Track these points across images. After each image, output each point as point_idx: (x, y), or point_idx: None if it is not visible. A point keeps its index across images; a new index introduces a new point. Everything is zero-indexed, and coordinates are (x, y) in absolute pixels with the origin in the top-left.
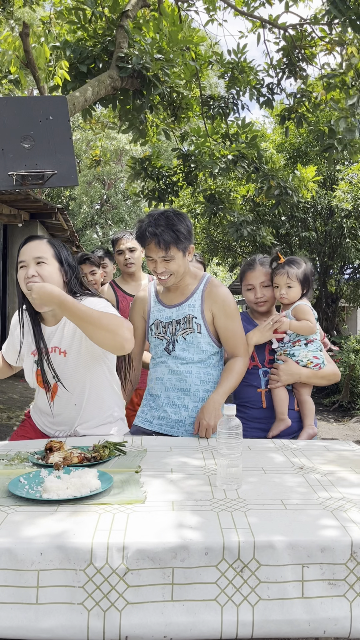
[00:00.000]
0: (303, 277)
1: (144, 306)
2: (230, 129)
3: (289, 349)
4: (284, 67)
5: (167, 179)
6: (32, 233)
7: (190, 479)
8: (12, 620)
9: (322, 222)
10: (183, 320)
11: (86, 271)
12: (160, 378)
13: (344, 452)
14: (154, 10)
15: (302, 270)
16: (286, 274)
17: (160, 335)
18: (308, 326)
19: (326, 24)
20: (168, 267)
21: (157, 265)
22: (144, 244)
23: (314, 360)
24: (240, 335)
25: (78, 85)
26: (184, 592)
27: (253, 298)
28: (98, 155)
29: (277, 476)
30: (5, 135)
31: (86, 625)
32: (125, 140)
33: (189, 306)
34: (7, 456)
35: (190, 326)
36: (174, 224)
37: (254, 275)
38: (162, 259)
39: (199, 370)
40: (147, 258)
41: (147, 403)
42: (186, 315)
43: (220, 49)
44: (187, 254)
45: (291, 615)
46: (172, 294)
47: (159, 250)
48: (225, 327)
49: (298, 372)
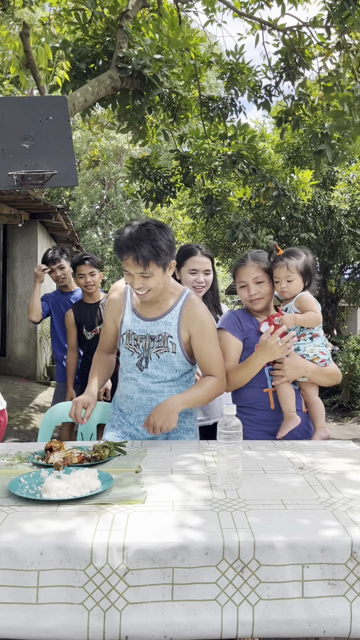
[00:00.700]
0: (304, 269)
1: (118, 311)
2: (228, 131)
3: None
4: (281, 70)
5: (165, 180)
6: (32, 233)
7: (190, 479)
8: (13, 620)
9: (321, 223)
10: (158, 338)
11: (85, 272)
12: (129, 396)
13: (344, 452)
14: (154, 11)
15: (302, 261)
16: (285, 266)
17: (131, 348)
18: (314, 317)
19: (324, 27)
20: (146, 283)
21: (135, 281)
22: (122, 257)
23: (320, 356)
24: (217, 358)
25: (78, 85)
26: (184, 592)
27: (247, 296)
28: (96, 155)
29: (277, 476)
30: (5, 135)
31: (86, 625)
32: (125, 140)
33: (165, 323)
34: (7, 456)
35: (165, 345)
36: (154, 238)
37: (246, 271)
38: (139, 275)
39: (171, 388)
40: (125, 272)
41: (118, 418)
42: (162, 332)
43: (219, 50)
44: (168, 269)
45: (291, 615)
46: (149, 307)
47: (137, 266)
48: (201, 349)
49: (304, 365)
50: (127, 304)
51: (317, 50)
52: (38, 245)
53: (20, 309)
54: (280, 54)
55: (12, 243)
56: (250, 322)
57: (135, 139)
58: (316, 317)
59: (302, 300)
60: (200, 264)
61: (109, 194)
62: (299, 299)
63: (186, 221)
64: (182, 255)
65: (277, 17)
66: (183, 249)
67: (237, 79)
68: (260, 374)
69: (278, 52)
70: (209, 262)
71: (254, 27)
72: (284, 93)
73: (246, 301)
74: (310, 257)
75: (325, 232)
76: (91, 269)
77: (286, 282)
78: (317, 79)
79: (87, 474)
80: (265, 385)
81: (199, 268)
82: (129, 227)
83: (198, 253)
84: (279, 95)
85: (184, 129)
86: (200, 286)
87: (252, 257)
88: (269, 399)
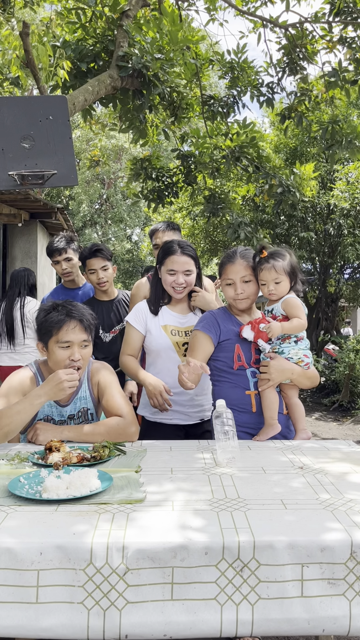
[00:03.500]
0: (290, 269)
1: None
2: (230, 129)
3: (277, 346)
4: (284, 65)
5: (167, 180)
6: (32, 233)
7: (190, 479)
8: (13, 619)
9: (321, 222)
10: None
11: (97, 267)
12: None
13: (344, 452)
14: (154, 10)
15: (288, 261)
16: (272, 268)
17: None
18: (300, 324)
19: (326, 23)
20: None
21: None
22: (172, 253)
23: (304, 359)
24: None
25: (78, 84)
26: (183, 591)
27: (232, 294)
28: (97, 155)
29: (277, 476)
30: (5, 135)
31: (86, 624)
32: (125, 139)
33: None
34: (7, 456)
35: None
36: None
37: (235, 269)
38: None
39: None
40: (170, 271)
41: None
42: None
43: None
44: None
45: (290, 614)
46: None
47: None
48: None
49: (290, 368)
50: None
51: (319, 44)
52: (38, 245)
53: None
54: (283, 50)
55: (12, 243)
56: (230, 322)
57: (136, 139)
58: (302, 324)
59: (288, 304)
60: (179, 264)
61: (109, 193)
62: (286, 301)
63: (186, 223)
64: (162, 253)
65: (278, 15)
66: (163, 247)
67: (239, 77)
68: (241, 377)
69: (281, 49)
70: (190, 262)
71: (255, 26)
72: (286, 90)
73: (231, 299)
74: (293, 258)
75: (324, 231)
76: (103, 263)
77: (274, 284)
78: (319, 75)
79: (86, 474)
80: (247, 387)
81: (178, 269)
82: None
83: (177, 252)
84: (282, 92)
85: (185, 129)
86: (179, 287)
87: (241, 255)
88: (251, 402)
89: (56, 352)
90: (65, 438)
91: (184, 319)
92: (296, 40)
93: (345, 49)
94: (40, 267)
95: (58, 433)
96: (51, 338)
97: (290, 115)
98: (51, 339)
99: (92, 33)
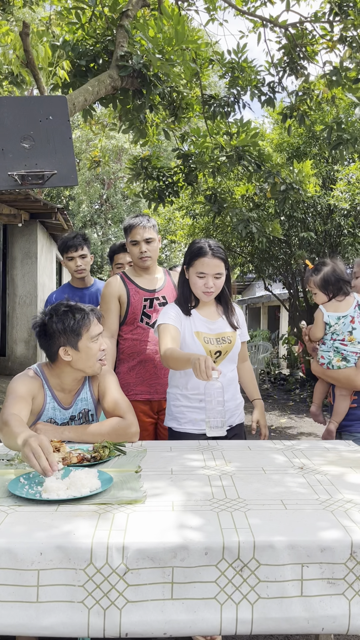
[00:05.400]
0: (321, 283)
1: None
2: (230, 129)
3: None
4: (285, 65)
5: (168, 179)
6: (32, 233)
7: (190, 479)
8: (14, 618)
9: (321, 222)
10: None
11: (123, 262)
12: None
13: (344, 452)
14: (154, 10)
15: (320, 276)
16: (311, 281)
17: None
18: (313, 333)
19: (327, 22)
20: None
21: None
22: (202, 255)
23: (320, 360)
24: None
25: (78, 84)
26: (183, 590)
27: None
28: (97, 156)
29: (277, 476)
30: (5, 135)
31: (86, 622)
32: (125, 139)
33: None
34: (7, 456)
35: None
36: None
37: (210, 263)
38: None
39: None
40: (200, 274)
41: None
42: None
43: (220, 49)
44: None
45: (290, 613)
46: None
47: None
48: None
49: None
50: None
51: (319, 44)
52: (38, 245)
53: (20, 309)
54: (283, 50)
55: (12, 243)
56: None
57: (136, 139)
58: (314, 334)
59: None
60: (210, 267)
61: (109, 193)
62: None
63: (186, 222)
64: (191, 254)
65: (278, 14)
66: (192, 247)
67: (239, 77)
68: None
69: (281, 48)
70: (221, 265)
71: (255, 26)
72: (287, 89)
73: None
74: (330, 269)
75: (324, 231)
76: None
77: (313, 294)
78: (320, 75)
79: (86, 474)
80: None
81: (209, 272)
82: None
83: (208, 254)
84: (283, 91)
85: (186, 128)
86: (209, 291)
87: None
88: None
89: (90, 347)
90: (66, 438)
91: (214, 325)
92: (296, 40)
93: (345, 47)
94: (40, 267)
95: (58, 433)
96: (81, 338)
97: (292, 115)
98: (82, 339)
99: (92, 33)
